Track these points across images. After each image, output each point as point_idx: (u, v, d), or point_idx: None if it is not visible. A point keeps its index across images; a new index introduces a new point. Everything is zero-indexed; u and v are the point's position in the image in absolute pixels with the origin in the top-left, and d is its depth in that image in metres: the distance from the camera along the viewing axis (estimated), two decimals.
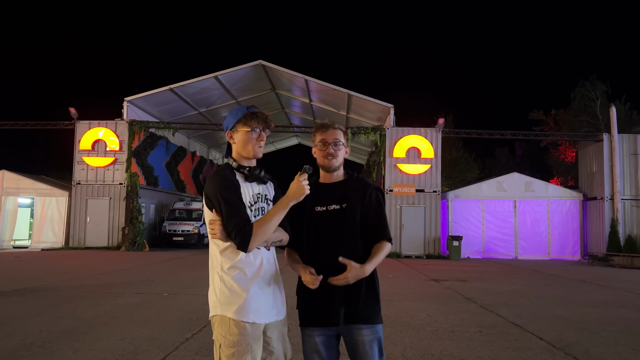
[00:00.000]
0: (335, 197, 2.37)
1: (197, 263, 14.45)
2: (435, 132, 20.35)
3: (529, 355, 4.80)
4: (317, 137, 2.41)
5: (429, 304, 7.68)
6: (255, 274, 2.20)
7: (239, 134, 2.27)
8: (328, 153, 2.37)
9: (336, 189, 2.41)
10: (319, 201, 2.37)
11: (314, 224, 2.35)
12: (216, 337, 2.18)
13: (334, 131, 2.40)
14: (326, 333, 2.34)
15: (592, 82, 32.43)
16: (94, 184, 20.11)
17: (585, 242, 20.16)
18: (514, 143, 47.33)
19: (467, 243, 19.54)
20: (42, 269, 12.07)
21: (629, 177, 19.45)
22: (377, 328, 2.34)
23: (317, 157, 2.44)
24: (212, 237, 2.18)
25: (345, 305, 2.27)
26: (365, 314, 2.31)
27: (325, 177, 2.45)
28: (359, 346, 2.30)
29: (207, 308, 2.30)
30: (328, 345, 2.35)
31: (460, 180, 34.83)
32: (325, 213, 2.36)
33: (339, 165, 2.42)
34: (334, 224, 2.34)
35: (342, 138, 2.41)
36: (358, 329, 2.30)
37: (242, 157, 2.29)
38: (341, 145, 2.40)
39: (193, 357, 4.51)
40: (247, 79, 22.73)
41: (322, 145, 2.39)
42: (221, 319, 2.16)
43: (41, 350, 4.64)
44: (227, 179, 2.19)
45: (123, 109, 20.76)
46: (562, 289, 10.28)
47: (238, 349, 2.11)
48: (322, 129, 2.42)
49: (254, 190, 2.28)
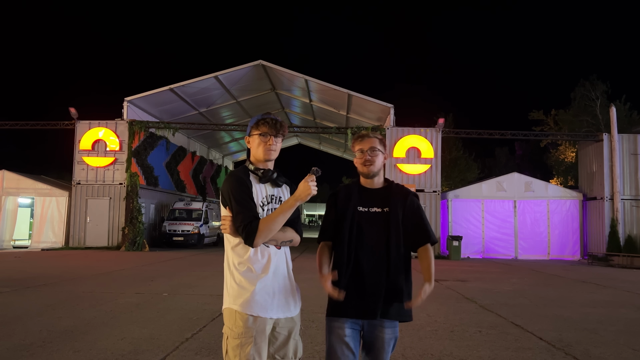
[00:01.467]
0: (378, 201, 2.53)
1: (197, 263, 14.45)
2: (435, 132, 20.35)
3: (529, 355, 4.81)
4: (356, 147, 2.57)
5: (429, 304, 7.67)
6: (262, 270, 2.31)
7: (253, 139, 2.45)
8: (366, 160, 2.53)
9: (378, 193, 2.56)
10: (362, 203, 2.53)
11: (356, 223, 2.48)
12: (225, 330, 2.32)
13: (370, 140, 2.56)
14: (354, 326, 2.44)
15: (592, 82, 32.44)
16: (94, 184, 20.10)
17: (585, 242, 20.16)
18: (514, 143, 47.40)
19: (467, 243, 19.54)
20: (42, 268, 12.07)
21: (629, 177, 19.44)
22: (397, 327, 2.48)
23: (357, 166, 2.58)
24: (223, 231, 2.36)
25: (382, 301, 2.40)
26: (400, 311, 2.46)
27: (367, 183, 2.59)
28: (377, 341, 2.43)
29: (207, 308, 2.35)
30: (354, 338, 2.45)
31: (460, 180, 34.84)
32: (367, 214, 2.50)
33: (378, 171, 2.56)
34: (376, 225, 2.48)
35: (378, 145, 2.56)
36: (381, 326, 2.43)
37: (257, 160, 2.45)
38: (378, 152, 2.55)
39: (193, 357, 4.51)
40: (247, 79, 22.73)
41: (360, 154, 2.55)
42: (229, 311, 2.31)
43: (41, 350, 4.64)
44: (240, 179, 2.36)
45: (123, 109, 20.75)
46: (562, 289, 10.28)
47: (242, 341, 2.23)
48: (359, 139, 2.58)
49: (267, 191, 2.43)
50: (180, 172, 26.41)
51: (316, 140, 33.90)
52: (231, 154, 37.30)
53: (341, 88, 21.08)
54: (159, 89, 21.07)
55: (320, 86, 21.66)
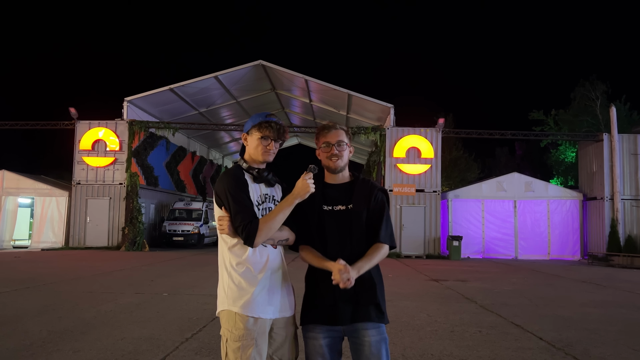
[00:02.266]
0: (342, 198, 2.36)
1: (197, 263, 14.45)
2: (435, 132, 20.36)
3: (529, 355, 4.80)
4: (321, 139, 2.40)
5: (429, 304, 7.67)
6: (261, 270, 2.26)
7: (252, 139, 2.38)
8: (332, 154, 2.36)
9: (342, 189, 2.39)
10: (326, 201, 2.36)
11: (321, 223, 2.34)
12: (223, 332, 2.26)
13: (336, 132, 2.39)
14: (332, 335, 2.28)
15: (592, 82, 32.41)
16: (94, 184, 20.11)
17: (585, 242, 20.16)
18: (514, 143, 47.33)
19: (467, 243, 19.54)
20: (42, 268, 12.07)
21: (629, 177, 19.45)
22: (382, 328, 2.29)
23: (321, 159, 2.42)
24: (221, 232, 2.28)
25: (352, 304, 2.24)
26: (372, 313, 2.27)
27: (331, 178, 2.43)
28: (365, 347, 2.23)
29: (207, 308, 2.33)
30: (332, 348, 2.29)
31: (460, 180, 34.84)
32: (331, 212, 2.34)
33: (344, 166, 2.41)
34: (340, 224, 2.32)
35: (345, 138, 2.40)
36: (364, 329, 2.24)
37: (253, 160, 2.39)
38: (345, 146, 2.39)
39: (193, 357, 4.51)
40: (247, 79, 22.74)
41: (326, 147, 2.37)
42: (228, 313, 2.24)
43: (41, 350, 4.64)
44: (236, 178, 2.30)
45: (123, 109, 20.76)
46: (562, 289, 10.28)
47: (243, 343, 2.18)
48: (325, 130, 2.41)
49: (262, 190, 2.37)
50: (180, 172, 26.42)
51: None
52: (231, 154, 37.29)
53: (341, 88, 21.09)
54: (159, 89, 21.08)
55: (320, 86, 21.66)
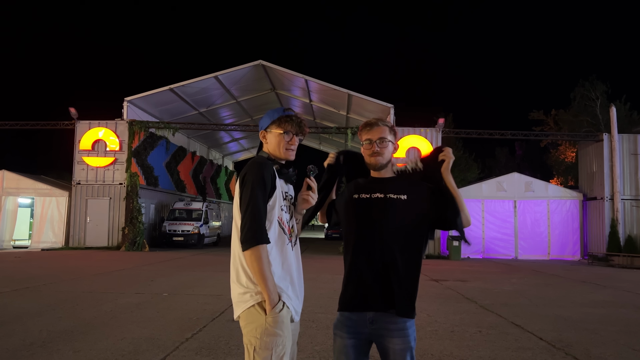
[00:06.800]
0: (385, 189, 2.29)
1: (197, 263, 14.45)
2: (435, 132, 20.37)
3: (529, 355, 4.80)
4: (363, 136, 2.34)
5: (429, 304, 7.67)
6: (283, 267, 2.17)
7: (272, 135, 2.26)
8: (374, 151, 2.30)
9: (385, 182, 2.33)
10: (367, 190, 2.31)
11: (360, 209, 2.27)
12: (248, 331, 2.08)
13: (379, 129, 2.32)
14: (358, 336, 2.21)
15: (592, 82, 32.42)
16: (94, 184, 20.11)
17: (585, 242, 20.16)
18: (514, 143, 47.37)
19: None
20: (42, 269, 12.07)
21: (629, 177, 19.44)
22: (409, 338, 2.18)
23: (364, 156, 2.36)
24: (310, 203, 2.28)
25: (381, 293, 2.19)
26: (400, 304, 2.19)
27: (375, 175, 2.37)
28: (389, 354, 2.17)
29: (207, 308, 2.31)
30: (358, 349, 2.22)
31: (460, 180, 34.80)
32: (370, 199, 2.27)
33: (387, 163, 2.34)
34: (380, 211, 2.24)
35: (388, 135, 2.33)
36: (390, 337, 2.16)
37: (275, 157, 2.27)
38: (387, 143, 2.32)
39: (193, 357, 4.51)
40: (247, 79, 22.74)
41: (368, 144, 2.31)
42: (253, 309, 2.08)
43: (41, 350, 4.64)
44: (267, 178, 2.12)
45: (123, 109, 20.76)
46: (562, 289, 10.28)
47: (278, 330, 2.06)
48: (367, 127, 2.34)
49: (283, 188, 2.27)
50: (180, 172, 26.42)
51: (316, 140, 33.90)
52: (231, 154, 37.30)
53: (341, 88, 21.10)
54: (159, 89, 21.08)
55: (320, 86, 21.66)
